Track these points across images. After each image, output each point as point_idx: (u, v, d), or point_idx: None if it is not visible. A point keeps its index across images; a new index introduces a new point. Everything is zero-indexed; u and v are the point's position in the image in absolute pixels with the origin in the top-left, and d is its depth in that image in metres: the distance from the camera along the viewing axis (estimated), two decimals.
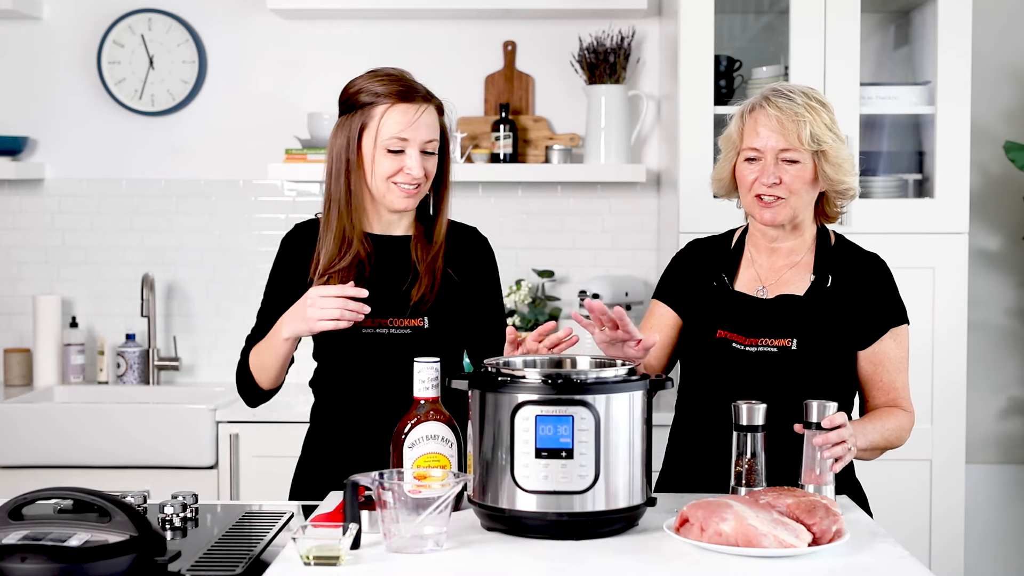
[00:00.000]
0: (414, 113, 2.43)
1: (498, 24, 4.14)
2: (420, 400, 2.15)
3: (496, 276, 2.64)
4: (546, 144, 4.09)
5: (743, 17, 4.05)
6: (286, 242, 2.56)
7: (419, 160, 2.43)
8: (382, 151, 2.42)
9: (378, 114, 2.42)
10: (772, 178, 2.40)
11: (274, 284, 2.55)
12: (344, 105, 2.48)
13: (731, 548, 1.91)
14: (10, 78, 4.18)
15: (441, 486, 1.97)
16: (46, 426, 3.59)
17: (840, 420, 2.19)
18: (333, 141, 2.47)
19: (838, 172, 2.41)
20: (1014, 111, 4.09)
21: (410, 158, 2.42)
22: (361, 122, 2.43)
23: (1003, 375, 4.15)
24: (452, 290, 2.53)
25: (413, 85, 2.46)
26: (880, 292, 2.47)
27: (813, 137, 2.38)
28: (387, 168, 2.42)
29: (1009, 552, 4.15)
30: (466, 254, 2.58)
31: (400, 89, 2.43)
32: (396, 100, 2.42)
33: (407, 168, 2.42)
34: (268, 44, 4.17)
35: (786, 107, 2.39)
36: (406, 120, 2.42)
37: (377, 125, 2.42)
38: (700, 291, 2.55)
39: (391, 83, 2.44)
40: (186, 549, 2.01)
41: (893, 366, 2.46)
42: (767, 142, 2.40)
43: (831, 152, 2.40)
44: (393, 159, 2.42)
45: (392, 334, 2.48)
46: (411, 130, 2.42)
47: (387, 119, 2.42)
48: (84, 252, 4.19)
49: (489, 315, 2.59)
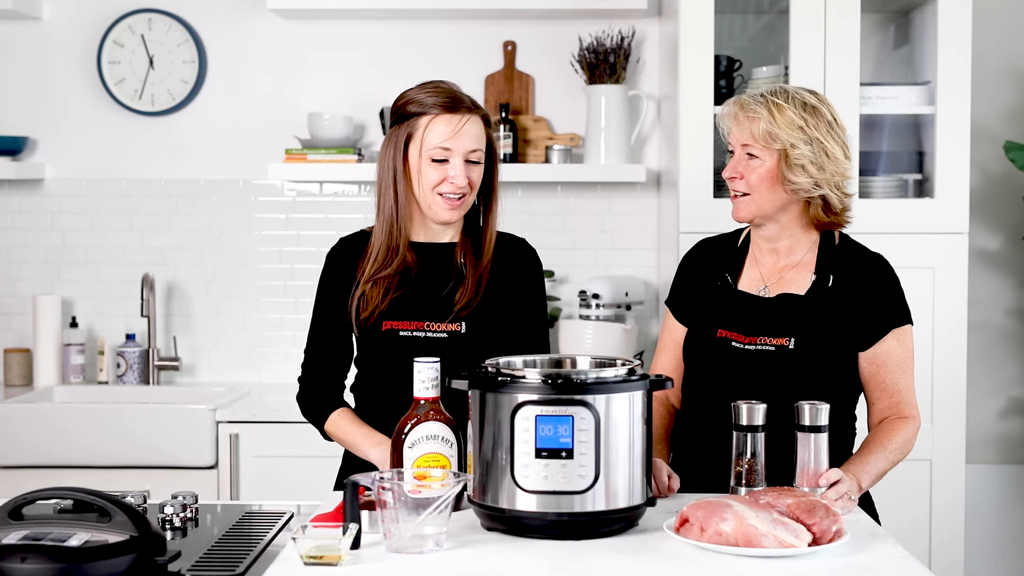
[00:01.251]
0: (458, 123, 2.46)
1: (498, 24, 4.14)
2: (420, 400, 2.16)
3: (542, 288, 2.65)
4: (546, 144, 4.09)
5: (743, 17, 4.05)
6: (332, 256, 2.61)
7: (463, 169, 2.46)
8: (427, 161, 2.46)
9: (423, 124, 2.46)
10: (731, 171, 2.45)
11: (324, 298, 2.59)
12: (394, 116, 2.53)
13: (731, 548, 1.91)
14: (10, 78, 4.18)
15: (441, 486, 1.97)
16: (46, 426, 3.59)
17: (835, 477, 2.20)
18: (383, 153, 2.53)
19: (798, 174, 2.39)
20: (1014, 111, 4.08)
21: (453, 167, 2.46)
22: (407, 133, 2.48)
23: (1003, 375, 4.15)
24: (494, 298, 2.54)
25: (459, 96, 2.50)
26: (882, 292, 2.46)
27: (770, 135, 2.39)
28: (433, 178, 2.46)
29: (1009, 552, 4.15)
30: (514, 264, 2.60)
31: (445, 100, 2.47)
32: (441, 111, 2.46)
33: (451, 177, 2.46)
34: (268, 44, 4.17)
35: (748, 104, 2.43)
36: (449, 130, 2.45)
37: (422, 135, 2.46)
38: (705, 291, 2.55)
39: (437, 94, 2.49)
40: (186, 549, 2.01)
41: (896, 367, 2.45)
42: (734, 138, 2.46)
43: (791, 153, 2.39)
44: (438, 168, 2.46)
45: (429, 337, 2.50)
46: (454, 140, 2.46)
47: (431, 129, 2.46)
48: (84, 252, 4.19)
49: (530, 326, 2.59)
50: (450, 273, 2.53)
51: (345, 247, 2.60)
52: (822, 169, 2.40)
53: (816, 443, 2.21)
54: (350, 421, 2.52)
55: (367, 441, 2.46)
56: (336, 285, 2.57)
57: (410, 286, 2.51)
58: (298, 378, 2.63)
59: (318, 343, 2.59)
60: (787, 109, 2.40)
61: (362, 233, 2.61)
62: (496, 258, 2.57)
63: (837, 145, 2.42)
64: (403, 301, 2.51)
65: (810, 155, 2.39)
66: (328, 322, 2.57)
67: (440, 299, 2.51)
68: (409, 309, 2.50)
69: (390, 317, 2.51)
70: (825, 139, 2.40)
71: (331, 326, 2.57)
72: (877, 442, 2.40)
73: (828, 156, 2.40)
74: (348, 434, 2.51)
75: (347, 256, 2.57)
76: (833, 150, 2.41)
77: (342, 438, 2.53)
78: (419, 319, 2.50)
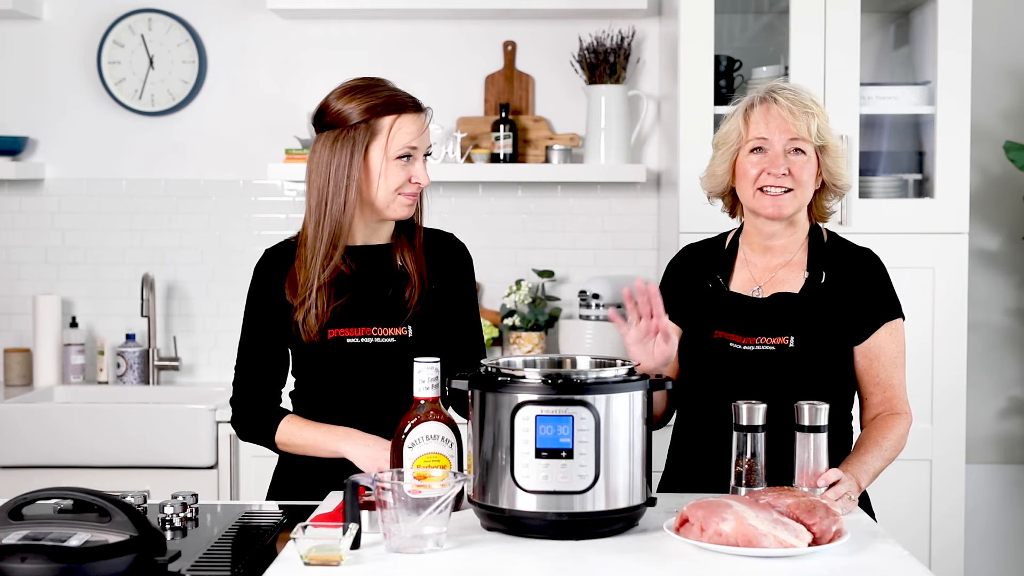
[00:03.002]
0: (423, 121, 2.44)
1: (498, 24, 4.14)
2: (420, 400, 2.16)
3: (473, 284, 2.62)
4: (546, 144, 4.09)
5: (743, 17, 4.05)
6: (261, 269, 2.53)
7: (424, 167, 2.45)
8: (392, 160, 2.41)
9: (386, 126, 2.40)
10: (782, 168, 2.41)
11: (256, 313, 2.51)
12: (330, 122, 2.43)
13: (731, 548, 1.91)
14: (10, 78, 4.18)
15: (441, 486, 1.97)
16: (46, 426, 3.59)
17: (834, 477, 2.20)
18: (326, 158, 2.41)
19: (839, 166, 2.46)
20: (1014, 111, 4.09)
21: (418, 166, 2.43)
22: (370, 134, 2.40)
23: (1003, 375, 4.15)
24: (434, 297, 2.51)
25: (409, 94, 2.46)
26: (873, 286, 2.47)
27: (820, 131, 2.42)
28: (400, 178, 2.41)
29: (1009, 552, 4.16)
30: (445, 261, 2.56)
31: (409, 99, 2.44)
32: (407, 110, 2.42)
33: (415, 176, 2.43)
34: (268, 44, 4.17)
35: (795, 99, 2.43)
36: (416, 129, 2.42)
37: (388, 136, 2.40)
38: (696, 294, 2.55)
39: (395, 92, 2.44)
40: (186, 549, 2.01)
41: (888, 361, 2.46)
42: (777, 133, 2.42)
43: (831, 147, 2.44)
44: (403, 169, 2.42)
45: (377, 343, 2.45)
46: (421, 138, 2.43)
47: (399, 129, 2.41)
48: (84, 252, 4.19)
49: (465, 324, 2.57)
50: (391, 274, 2.49)
51: (273, 259, 2.52)
52: (847, 161, 2.46)
53: (815, 443, 2.21)
54: (303, 424, 2.45)
55: (332, 436, 2.40)
56: (268, 299, 2.49)
57: (353, 291, 2.45)
58: (231, 400, 2.55)
59: (252, 359, 2.51)
60: (820, 107, 2.45)
61: (288, 244, 2.53)
62: (429, 256, 2.53)
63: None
64: (348, 307, 2.45)
65: (841, 148, 2.47)
66: (262, 337, 2.49)
67: (386, 301, 2.47)
68: (355, 315, 2.44)
69: (335, 325, 2.44)
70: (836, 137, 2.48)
71: (265, 341, 2.49)
72: (873, 440, 2.40)
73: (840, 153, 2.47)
74: (307, 437, 2.44)
75: (277, 269, 2.49)
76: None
77: (300, 443, 2.45)
78: (366, 324, 2.45)
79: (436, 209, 4.14)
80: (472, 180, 4.06)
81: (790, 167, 2.42)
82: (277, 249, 2.54)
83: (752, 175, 2.44)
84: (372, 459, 2.33)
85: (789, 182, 2.42)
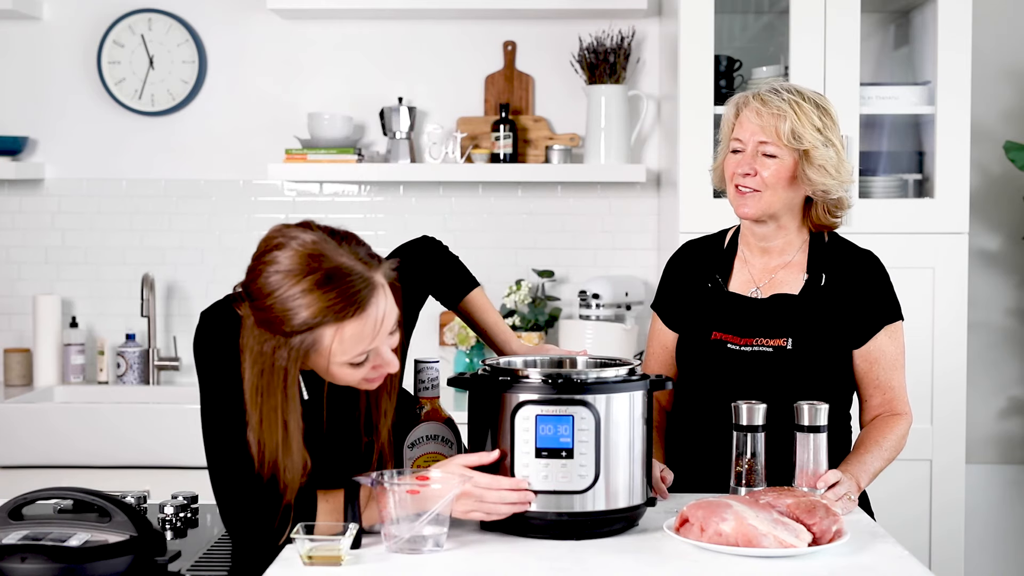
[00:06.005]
0: (375, 321, 1.91)
1: (498, 24, 4.14)
2: (420, 400, 2.16)
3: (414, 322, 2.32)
4: (546, 144, 4.09)
5: (743, 17, 4.05)
6: (209, 335, 2.05)
7: (389, 349, 1.97)
8: (340, 366, 1.94)
9: (327, 338, 1.89)
10: (746, 167, 2.40)
11: (231, 390, 1.99)
12: (257, 311, 1.90)
13: (731, 548, 1.92)
14: (10, 78, 4.18)
15: (441, 486, 1.97)
16: (46, 426, 3.59)
17: (834, 478, 2.20)
18: (253, 345, 1.92)
19: (819, 175, 2.38)
20: (1014, 111, 4.09)
21: (384, 356, 1.96)
22: (302, 347, 1.89)
23: (1003, 375, 4.15)
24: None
25: (360, 282, 1.88)
26: (873, 289, 2.46)
27: (794, 134, 2.36)
28: (355, 375, 1.97)
29: (1009, 552, 4.15)
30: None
31: (348, 301, 1.87)
32: (351, 315, 1.88)
33: (383, 367, 1.98)
34: (268, 44, 4.17)
35: (770, 101, 2.39)
36: (368, 333, 1.91)
37: (329, 349, 1.90)
38: (694, 293, 2.55)
39: (327, 290, 1.87)
40: (186, 549, 2.01)
41: (888, 364, 2.45)
42: (747, 134, 2.41)
43: (813, 153, 2.37)
44: (357, 367, 1.96)
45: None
46: (379, 338, 1.93)
47: (339, 342, 1.90)
48: (84, 252, 4.19)
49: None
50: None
51: (222, 329, 2.03)
52: (839, 171, 2.40)
53: (815, 443, 2.21)
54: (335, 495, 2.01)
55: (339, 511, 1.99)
56: (237, 371, 1.97)
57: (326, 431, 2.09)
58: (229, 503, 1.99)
59: (247, 463, 1.97)
60: (807, 108, 2.38)
61: (227, 308, 2.04)
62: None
63: (843, 148, 2.43)
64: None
65: (831, 157, 2.39)
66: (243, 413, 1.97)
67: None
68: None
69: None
70: (838, 141, 2.41)
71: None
72: (872, 440, 2.40)
73: (840, 158, 2.41)
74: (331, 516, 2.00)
75: (231, 338, 1.99)
76: (842, 152, 2.42)
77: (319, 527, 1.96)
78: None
79: (436, 209, 4.14)
80: (472, 180, 4.06)
81: (757, 168, 2.40)
82: (220, 317, 2.05)
83: (730, 173, 2.45)
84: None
85: (753, 183, 2.40)
